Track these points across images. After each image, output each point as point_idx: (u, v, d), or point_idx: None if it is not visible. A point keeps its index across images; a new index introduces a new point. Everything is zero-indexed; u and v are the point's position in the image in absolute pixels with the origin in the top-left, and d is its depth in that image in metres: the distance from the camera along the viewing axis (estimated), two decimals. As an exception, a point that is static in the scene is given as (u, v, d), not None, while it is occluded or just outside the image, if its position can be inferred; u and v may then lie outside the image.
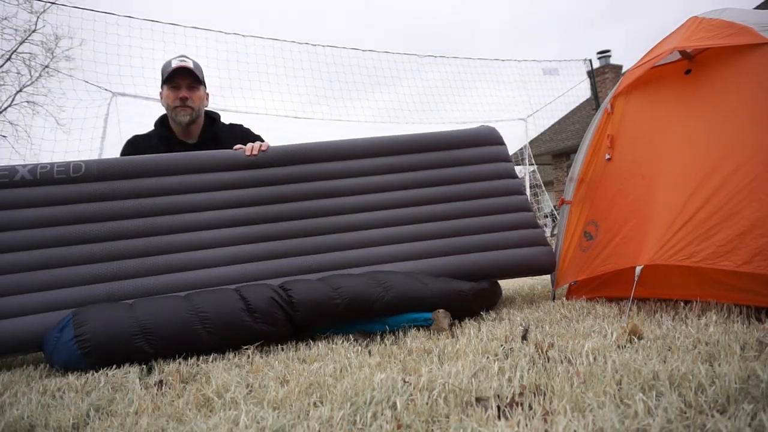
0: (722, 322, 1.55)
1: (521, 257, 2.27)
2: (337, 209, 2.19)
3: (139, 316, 1.61)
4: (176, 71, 2.30)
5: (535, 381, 1.10)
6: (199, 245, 2.01)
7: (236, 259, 2.02)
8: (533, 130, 7.18)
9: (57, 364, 1.61)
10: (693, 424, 0.83)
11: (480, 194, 2.36)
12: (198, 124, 2.41)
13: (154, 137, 2.40)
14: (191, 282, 1.92)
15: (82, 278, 1.87)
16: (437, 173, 2.36)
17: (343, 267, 2.07)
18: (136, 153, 2.34)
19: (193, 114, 2.35)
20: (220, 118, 2.52)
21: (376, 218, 2.23)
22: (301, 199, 2.17)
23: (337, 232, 2.16)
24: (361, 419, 0.95)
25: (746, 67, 1.84)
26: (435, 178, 2.35)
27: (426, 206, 2.29)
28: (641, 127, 2.17)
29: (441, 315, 1.89)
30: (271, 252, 2.07)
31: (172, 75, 2.31)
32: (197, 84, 2.35)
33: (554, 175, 17.86)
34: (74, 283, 1.85)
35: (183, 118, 2.33)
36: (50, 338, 1.65)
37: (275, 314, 1.73)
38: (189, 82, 2.32)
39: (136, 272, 1.92)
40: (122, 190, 2.01)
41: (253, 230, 2.08)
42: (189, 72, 2.31)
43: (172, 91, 2.33)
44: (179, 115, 2.33)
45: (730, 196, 1.67)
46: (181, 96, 2.31)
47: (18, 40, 15.06)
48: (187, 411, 1.09)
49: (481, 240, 2.26)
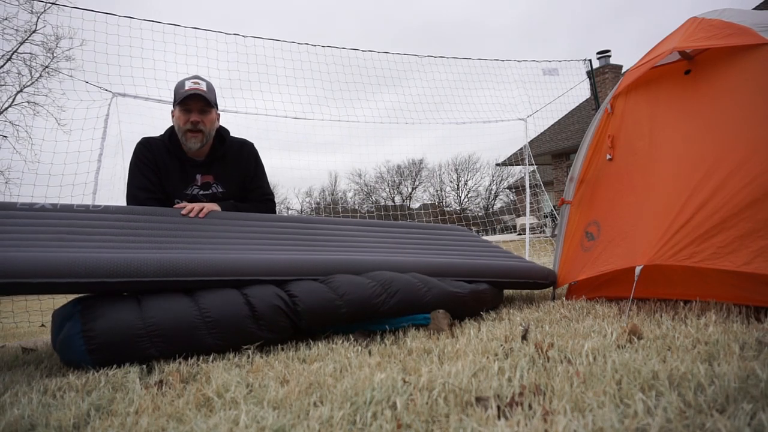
0: (722, 322, 1.56)
1: (520, 264, 2.50)
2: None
3: (147, 317, 1.61)
4: (189, 95, 2.29)
5: (535, 381, 1.10)
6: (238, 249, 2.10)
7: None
8: (533, 130, 7.15)
9: (60, 354, 1.61)
10: (692, 424, 0.83)
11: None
12: (207, 145, 2.41)
13: (164, 148, 2.38)
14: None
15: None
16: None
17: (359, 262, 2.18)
18: (151, 156, 2.34)
19: (204, 139, 2.34)
20: (229, 134, 2.52)
21: (381, 239, 2.57)
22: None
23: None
24: (361, 419, 0.95)
25: (746, 68, 1.84)
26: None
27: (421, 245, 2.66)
28: (641, 127, 2.17)
29: (440, 315, 1.89)
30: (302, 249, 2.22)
31: (185, 98, 2.29)
32: (209, 108, 2.33)
33: (554, 175, 17.87)
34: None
35: (193, 144, 2.33)
36: (57, 322, 1.65)
37: (280, 322, 1.73)
38: (201, 105, 2.31)
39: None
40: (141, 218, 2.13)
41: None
42: (201, 96, 2.30)
43: (184, 114, 2.31)
44: (189, 140, 2.33)
45: (730, 197, 1.68)
46: (192, 120, 2.30)
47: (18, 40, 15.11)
48: (187, 411, 1.09)
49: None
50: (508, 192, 33.79)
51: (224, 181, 2.46)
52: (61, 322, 1.63)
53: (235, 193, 2.49)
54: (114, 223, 2.03)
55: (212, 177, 2.44)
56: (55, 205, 2.07)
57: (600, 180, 2.36)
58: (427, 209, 28.65)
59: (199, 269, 1.76)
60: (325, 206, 34.58)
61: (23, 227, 1.87)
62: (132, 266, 1.67)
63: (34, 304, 6.45)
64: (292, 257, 2.02)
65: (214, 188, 2.44)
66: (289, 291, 1.81)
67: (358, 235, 2.54)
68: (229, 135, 2.51)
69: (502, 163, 18.74)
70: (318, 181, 41.57)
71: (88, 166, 4.76)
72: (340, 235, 2.47)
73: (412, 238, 2.69)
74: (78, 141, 4.82)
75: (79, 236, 1.88)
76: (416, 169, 38.56)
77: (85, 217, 2.03)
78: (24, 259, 1.57)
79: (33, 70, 15.50)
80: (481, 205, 38.37)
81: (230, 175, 2.47)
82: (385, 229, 2.74)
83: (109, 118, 4.87)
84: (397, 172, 38.71)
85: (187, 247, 1.97)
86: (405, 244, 2.59)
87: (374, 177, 38.87)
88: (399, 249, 2.48)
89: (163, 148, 2.38)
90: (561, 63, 6.73)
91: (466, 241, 2.85)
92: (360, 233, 2.59)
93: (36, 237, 1.81)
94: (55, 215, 2.01)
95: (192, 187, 2.40)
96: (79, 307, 1.64)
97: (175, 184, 2.37)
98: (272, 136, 5.82)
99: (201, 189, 2.41)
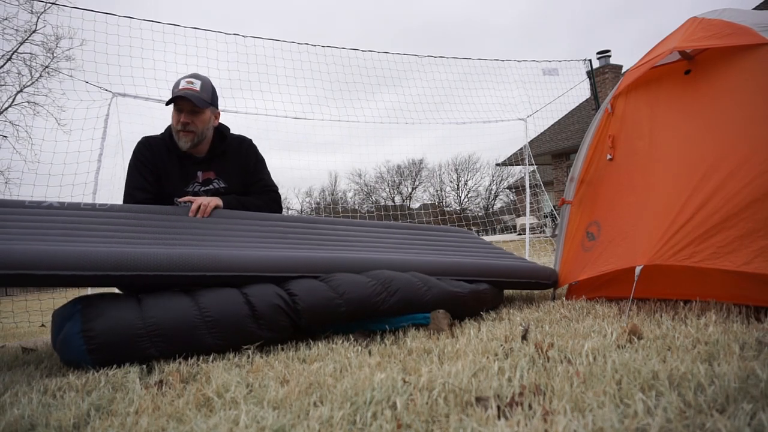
0: (722, 322, 1.56)
1: (522, 264, 2.52)
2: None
3: (147, 317, 1.61)
4: (179, 96, 2.29)
5: (535, 381, 1.10)
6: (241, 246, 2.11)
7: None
8: (533, 130, 7.16)
9: (59, 354, 1.61)
10: (692, 424, 0.83)
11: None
12: (206, 142, 2.42)
13: (164, 146, 2.39)
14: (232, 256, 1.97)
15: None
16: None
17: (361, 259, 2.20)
18: (150, 155, 2.35)
19: (195, 139, 2.35)
20: (229, 131, 2.52)
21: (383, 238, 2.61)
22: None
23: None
24: (361, 419, 0.95)
25: (746, 68, 1.84)
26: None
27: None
28: (641, 127, 2.17)
29: (440, 315, 1.89)
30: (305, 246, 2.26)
31: (175, 98, 2.30)
32: (199, 109, 2.33)
33: (554, 175, 17.88)
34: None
35: (184, 144, 2.34)
36: (57, 321, 1.65)
37: (280, 322, 1.73)
38: (191, 106, 2.31)
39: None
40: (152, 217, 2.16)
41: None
42: (189, 99, 2.29)
43: (176, 114, 2.33)
44: (180, 139, 2.34)
45: (730, 197, 1.68)
46: (182, 120, 2.30)
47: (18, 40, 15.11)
48: (187, 411, 1.09)
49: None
50: (508, 192, 33.80)
51: (226, 177, 2.47)
52: (61, 321, 1.63)
53: (237, 189, 2.51)
54: (119, 220, 2.06)
55: (213, 173, 2.45)
56: (63, 204, 2.10)
57: (600, 180, 2.36)
58: (427, 209, 28.67)
59: (202, 264, 1.77)
60: (325, 206, 34.57)
61: (30, 223, 1.89)
62: (136, 260, 1.68)
63: (34, 304, 6.45)
64: (295, 254, 2.03)
65: (216, 184, 2.45)
66: (289, 290, 1.80)
67: (358, 235, 2.55)
68: (229, 132, 2.53)
69: (502, 163, 18.75)
70: (318, 181, 41.62)
71: (88, 166, 4.77)
72: (341, 235, 2.48)
73: (413, 239, 2.70)
74: (78, 141, 4.82)
75: (84, 232, 1.90)
76: (416, 169, 38.59)
77: (91, 215, 2.06)
78: (28, 252, 1.58)
79: (33, 70, 15.53)
80: (481, 205, 38.40)
81: (231, 170, 2.49)
82: (385, 230, 2.76)
83: (109, 118, 4.88)
84: (397, 172, 38.75)
85: (191, 243, 1.98)
86: (405, 243, 2.59)
87: (374, 177, 38.91)
88: (400, 249, 2.49)
89: (164, 146, 2.39)
90: (561, 63, 6.74)
91: (467, 242, 2.86)
92: (361, 233, 2.60)
93: (42, 232, 1.82)
94: (62, 212, 2.04)
95: (193, 184, 2.41)
96: (79, 306, 1.64)
97: (175, 181, 2.38)
98: (272, 136, 5.82)
99: (202, 185, 2.42)
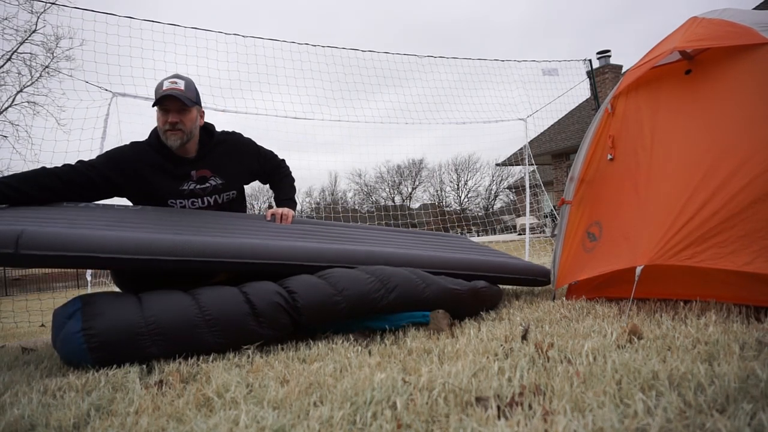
0: (722, 322, 1.56)
1: (516, 261, 2.63)
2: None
3: (147, 316, 1.61)
4: (165, 96, 2.29)
5: (535, 381, 1.10)
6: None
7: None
8: (533, 130, 7.16)
9: (60, 352, 1.61)
10: (692, 424, 0.83)
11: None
12: (194, 141, 2.42)
13: (152, 150, 2.37)
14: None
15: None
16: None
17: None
18: (134, 156, 2.33)
19: (184, 137, 2.34)
20: (215, 129, 2.52)
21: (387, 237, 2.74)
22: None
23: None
24: (361, 419, 0.95)
25: (746, 67, 1.84)
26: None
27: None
28: (642, 127, 2.17)
29: (440, 315, 1.89)
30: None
31: (162, 98, 2.29)
32: (186, 107, 2.33)
33: (554, 175, 17.86)
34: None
35: (173, 142, 2.34)
36: (58, 320, 1.65)
37: (280, 319, 1.73)
38: (179, 105, 2.31)
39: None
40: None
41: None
42: (177, 97, 2.29)
43: (162, 114, 2.32)
44: (170, 138, 2.33)
45: (731, 197, 1.67)
46: (170, 120, 2.30)
47: (18, 40, 15.11)
48: (187, 411, 1.09)
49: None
50: (508, 192, 33.80)
51: (222, 173, 2.46)
52: (61, 320, 1.63)
53: (237, 184, 2.52)
54: (152, 215, 2.21)
55: (209, 171, 2.44)
56: (98, 205, 2.26)
57: (601, 180, 2.36)
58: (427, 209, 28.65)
59: (230, 252, 1.92)
60: (325, 206, 34.57)
61: (63, 214, 2.05)
62: (163, 245, 1.82)
63: (34, 304, 6.45)
64: (334, 246, 2.20)
65: (212, 181, 2.44)
66: (288, 287, 1.81)
67: (369, 234, 2.72)
68: (215, 129, 2.53)
69: (502, 163, 18.73)
70: (318, 181, 41.62)
71: (88, 166, 4.75)
72: (342, 234, 2.56)
73: (412, 238, 2.77)
74: (78, 141, 4.82)
75: (117, 222, 2.05)
76: (416, 169, 38.63)
77: (125, 212, 2.21)
78: (57, 234, 1.70)
79: (33, 70, 15.51)
80: (481, 205, 38.42)
81: (230, 167, 2.49)
82: (394, 233, 2.94)
83: (109, 118, 4.88)
84: (397, 172, 38.78)
85: (222, 233, 2.12)
86: (405, 241, 2.65)
87: (374, 177, 38.96)
88: (399, 245, 2.53)
89: (150, 150, 2.37)
90: (561, 63, 6.73)
91: (465, 244, 2.95)
92: (366, 232, 2.76)
93: (75, 220, 1.97)
94: (97, 208, 2.21)
95: (188, 183, 2.40)
96: (79, 305, 1.64)
97: (167, 182, 2.37)
98: (273, 136, 5.81)
99: (197, 183, 2.41)
